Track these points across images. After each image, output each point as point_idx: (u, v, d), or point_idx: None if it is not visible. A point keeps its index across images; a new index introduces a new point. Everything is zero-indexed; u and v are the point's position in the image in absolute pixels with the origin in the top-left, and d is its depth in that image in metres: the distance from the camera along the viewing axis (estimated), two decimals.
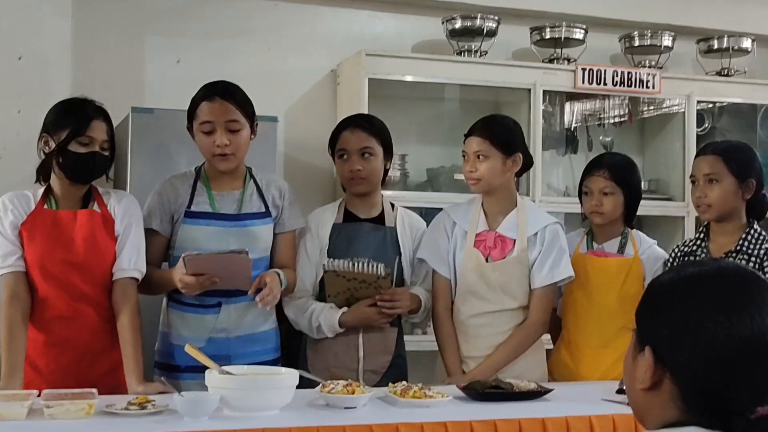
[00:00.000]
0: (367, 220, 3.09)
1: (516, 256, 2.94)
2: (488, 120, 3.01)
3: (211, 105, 2.83)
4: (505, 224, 2.98)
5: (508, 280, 2.94)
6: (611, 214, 3.06)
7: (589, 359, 3.03)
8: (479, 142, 2.92)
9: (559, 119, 4.81)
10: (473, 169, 2.92)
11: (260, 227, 2.90)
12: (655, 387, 1.25)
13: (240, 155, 2.87)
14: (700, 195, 2.89)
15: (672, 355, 1.23)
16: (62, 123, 2.66)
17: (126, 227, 2.72)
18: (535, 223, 2.97)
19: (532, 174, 4.43)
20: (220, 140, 2.80)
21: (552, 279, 2.94)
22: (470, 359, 2.96)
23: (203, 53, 4.41)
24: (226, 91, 2.86)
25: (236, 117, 2.83)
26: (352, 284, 2.87)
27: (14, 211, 2.65)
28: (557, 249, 2.95)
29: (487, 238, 2.97)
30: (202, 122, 2.83)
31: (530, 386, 2.59)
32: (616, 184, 3.05)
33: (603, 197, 3.05)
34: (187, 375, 2.76)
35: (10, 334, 2.56)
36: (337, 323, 2.90)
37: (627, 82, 4.58)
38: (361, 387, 2.45)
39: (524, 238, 2.95)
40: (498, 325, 2.95)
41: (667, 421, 1.23)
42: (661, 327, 1.25)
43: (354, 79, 4.31)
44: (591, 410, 2.41)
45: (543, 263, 2.93)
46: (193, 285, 2.65)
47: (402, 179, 4.44)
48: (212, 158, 2.85)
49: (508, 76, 4.48)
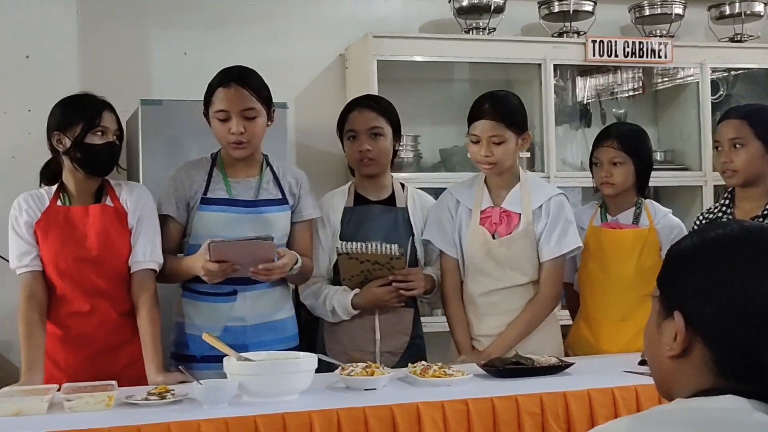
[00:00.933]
0: (378, 202, 3.06)
1: (522, 230, 2.90)
2: (496, 101, 2.91)
3: (227, 91, 2.80)
4: (509, 199, 2.95)
5: (516, 255, 2.91)
6: (622, 184, 3.03)
7: (608, 333, 3.00)
8: (493, 125, 2.85)
9: (571, 93, 4.77)
10: (489, 154, 2.86)
11: (277, 214, 2.88)
12: (684, 354, 1.22)
13: (255, 143, 2.85)
14: (726, 160, 2.84)
15: (703, 316, 1.20)
16: (74, 118, 2.66)
17: (139, 219, 2.72)
18: (539, 196, 2.94)
19: (546, 149, 4.41)
20: (235, 128, 2.78)
21: (560, 251, 2.90)
22: (482, 337, 2.94)
23: (210, 44, 4.40)
24: (243, 77, 2.83)
25: (252, 104, 2.81)
26: (365, 266, 2.86)
27: (28, 211, 2.65)
28: (563, 220, 2.91)
29: (492, 214, 2.94)
30: (217, 110, 2.80)
31: (551, 361, 2.57)
32: (626, 154, 3.01)
33: (613, 168, 3.02)
34: (204, 365, 2.75)
35: (28, 333, 2.57)
36: (350, 305, 2.88)
37: (638, 52, 4.53)
38: (380, 368, 2.43)
39: (529, 211, 2.91)
40: (509, 302, 2.92)
41: (698, 388, 1.20)
42: (689, 290, 1.22)
43: (362, 63, 4.29)
44: (613, 382, 2.39)
45: (550, 235, 2.90)
46: (217, 272, 2.62)
47: (415, 161, 4.42)
48: (228, 146, 2.83)
49: (518, 51, 4.44)
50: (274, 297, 2.90)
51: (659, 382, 1.30)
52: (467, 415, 2.22)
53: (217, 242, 2.60)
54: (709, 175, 4.58)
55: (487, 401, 2.25)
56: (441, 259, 3.01)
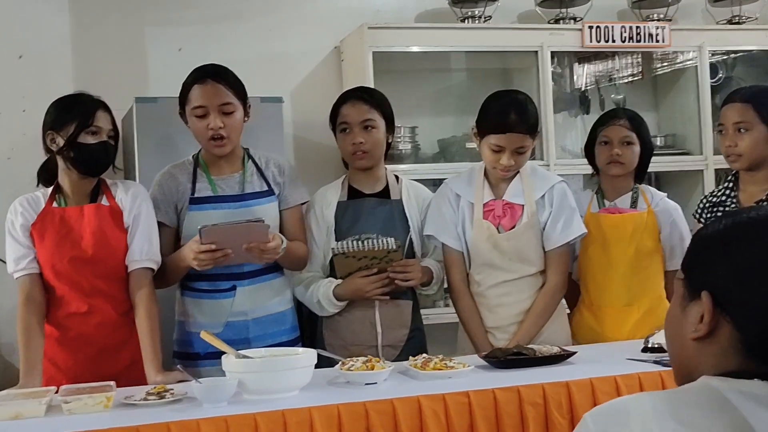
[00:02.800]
0: (372, 195, 3.04)
1: (527, 222, 2.88)
2: (522, 111, 2.81)
3: (203, 88, 2.79)
4: (511, 190, 2.92)
5: (523, 247, 2.88)
6: (630, 164, 3.02)
7: (613, 319, 2.98)
8: (522, 138, 2.80)
9: (569, 80, 4.74)
10: (512, 163, 2.82)
11: (265, 206, 2.87)
12: (710, 335, 1.21)
13: (234, 138, 2.84)
14: (730, 144, 2.81)
15: (733, 296, 1.19)
16: (67, 117, 2.64)
17: (135, 217, 2.70)
18: (541, 185, 2.91)
19: (545, 137, 4.37)
20: (213, 123, 2.77)
21: (566, 238, 2.88)
22: (496, 329, 2.92)
23: (205, 40, 4.37)
24: (218, 74, 2.83)
25: (229, 99, 2.80)
26: (362, 263, 2.83)
27: (24, 213, 2.64)
28: (568, 208, 2.89)
29: (495, 207, 2.91)
30: (195, 107, 2.79)
31: (553, 350, 2.55)
32: (636, 135, 3.01)
33: (623, 147, 3.00)
34: (207, 362, 2.73)
35: (26, 336, 2.56)
36: (332, 296, 2.86)
37: (636, 37, 4.49)
38: (380, 362, 2.41)
39: (532, 202, 2.89)
40: (519, 293, 2.90)
41: (723, 370, 1.19)
42: (720, 270, 1.21)
43: (358, 54, 4.26)
44: (616, 370, 2.36)
45: (555, 224, 2.88)
46: (207, 258, 2.60)
47: (414, 152, 4.39)
48: (207, 143, 2.81)
49: (514, 39, 4.40)
50: (273, 289, 2.89)
51: (680, 367, 1.28)
52: (469, 407, 2.20)
53: (209, 227, 2.58)
54: (710, 159, 4.55)
55: (488, 393, 2.22)
56: (445, 252, 2.98)
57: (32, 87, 3.95)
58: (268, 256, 2.70)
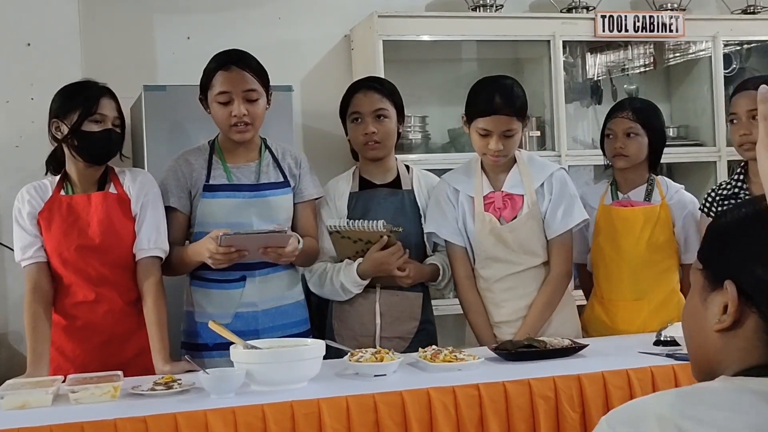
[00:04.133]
0: (383, 186, 3.01)
1: (528, 212, 2.85)
2: (507, 94, 2.80)
3: (227, 74, 2.76)
4: (510, 181, 2.89)
5: (526, 237, 2.85)
6: (635, 156, 2.96)
7: (624, 312, 2.94)
8: (507, 121, 2.77)
9: (581, 70, 4.69)
10: (501, 148, 2.79)
11: (280, 197, 2.84)
12: (735, 326, 1.16)
13: (257, 125, 2.81)
14: (745, 132, 2.77)
15: (760, 283, 1.14)
16: (71, 105, 2.62)
17: (143, 206, 2.68)
18: (539, 174, 2.88)
19: (557, 128, 4.34)
20: (237, 110, 2.73)
21: (566, 226, 2.85)
22: (502, 324, 2.90)
23: (213, 28, 4.34)
24: (242, 60, 2.80)
25: (254, 86, 2.77)
26: (359, 246, 2.80)
27: (31, 201, 2.62)
28: (567, 195, 2.86)
29: (494, 199, 2.88)
30: (218, 92, 2.76)
31: (564, 343, 2.52)
32: (641, 126, 2.95)
33: (627, 139, 2.96)
34: (216, 352, 2.72)
35: (33, 325, 2.55)
36: (356, 275, 2.82)
37: (649, 27, 4.43)
38: (390, 354, 2.39)
39: (532, 191, 2.86)
40: (524, 286, 2.87)
41: (748, 364, 1.15)
42: (743, 257, 1.17)
43: (368, 43, 4.22)
44: (627, 363, 2.34)
45: (555, 212, 2.85)
46: (223, 259, 2.58)
47: (424, 142, 4.36)
48: (229, 129, 2.78)
49: (526, 28, 4.36)
50: (284, 281, 2.86)
51: (700, 361, 1.23)
52: (479, 400, 2.17)
53: (230, 235, 2.54)
54: (723, 150, 4.50)
55: (499, 385, 2.20)
56: (448, 249, 2.95)
57: (41, 75, 3.91)
58: (284, 259, 2.68)
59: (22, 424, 1.98)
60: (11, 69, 3.92)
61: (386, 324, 2.88)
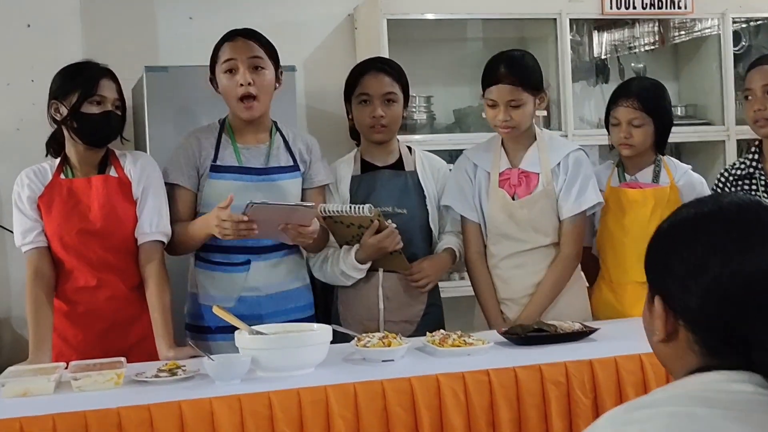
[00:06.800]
0: (386, 168, 2.96)
1: (542, 190, 2.82)
2: (512, 63, 2.80)
3: (233, 44, 2.74)
4: (527, 159, 2.87)
5: (537, 216, 2.83)
6: (641, 145, 2.90)
7: (632, 295, 2.88)
8: (511, 90, 2.76)
9: (588, 49, 4.62)
10: (508, 118, 2.77)
11: (288, 181, 2.80)
12: (670, 338, 1.19)
13: (264, 100, 2.75)
14: (759, 108, 2.72)
15: (681, 301, 1.17)
16: (71, 86, 2.57)
17: (144, 189, 2.63)
18: (556, 153, 2.85)
19: (563, 107, 4.29)
20: (243, 78, 2.69)
21: (580, 207, 2.82)
22: (509, 301, 2.88)
23: (216, 8, 4.29)
24: (249, 32, 2.78)
25: (259, 54, 2.74)
26: (353, 230, 2.75)
27: (31, 185, 2.57)
28: (582, 176, 2.82)
29: (510, 176, 2.87)
30: (224, 61, 2.72)
31: (574, 327, 2.48)
32: (646, 114, 2.88)
33: (632, 128, 2.89)
34: (219, 336, 2.69)
35: (35, 311, 2.50)
36: (355, 262, 2.78)
37: (657, 4, 4.36)
38: (397, 339, 2.35)
39: (548, 170, 2.83)
40: (533, 264, 2.85)
41: (689, 368, 1.17)
42: (666, 275, 1.19)
43: (372, 22, 4.16)
44: (640, 348, 2.26)
45: (569, 192, 2.81)
46: (230, 228, 2.48)
47: (429, 122, 4.30)
48: (236, 104, 2.73)
49: (532, 6, 4.29)
50: (288, 266, 2.82)
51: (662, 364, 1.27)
52: (489, 386, 2.13)
53: (258, 204, 2.46)
54: (732, 129, 4.44)
55: (509, 371, 2.16)
56: (463, 224, 2.94)
57: (41, 56, 3.86)
58: (302, 239, 2.62)
59: (24, 412, 1.94)
60: (11, 51, 3.86)
61: (392, 308, 2.85)
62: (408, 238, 2.81)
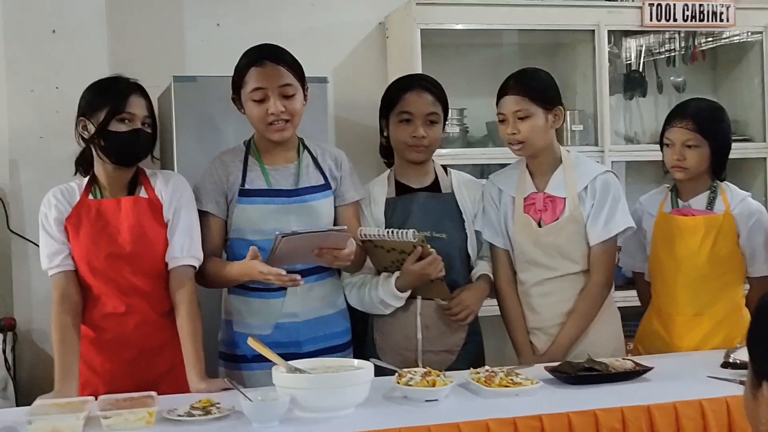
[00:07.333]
0: (421, 190, 2.84)
1: (568, 216, 2.72)
2: (521, 76, 2.76)
3: (261, 70, 2.59)
4: (553, 183, 2.77)
5: (565, 242, 2.72)
6: (695, 168, 2.77)
7: (682, 328, 2.77)
8: (517, 100, 2.70)
9: (624, 60, 4.49)
10: (515, 131, 2.70)
11: (321, 201, 2.69)
12: None
13: (296, 122, 2.65)
14: None
15: None
16: (99, 103, 2.46)
17: (176, 211, 2.51)
18: (583, 177, 2.74)
19: (600, 121, 4.17)
20: (274, 107, 2.57)
21: (609, 233, 2.71)
22: (538, 331, 2.79)
23: (244, 14, 4.21)
24: (275, 54, 2.64)
25: (290, 81, 2.61)
26: (393, 255, 2.64)
27: (58, 206, 2.46)
28: (610, 200, 2.71)
29: (536, 200, 2.77)
30: (253, 89, 2.59)
31: (626, 365, 2.35)
32: (702, 136, 2.74)
33: (686, 150, 2.76)
34: (255, 365, 2.58)
35: (62, 338, 2.39)
36: (395, 290, 2.66)
37: (698, 15, 4.24)
38: (441, 376, 2.23)
39: (574, 194, 2.73)
40: (561, 292, 2.75)
41: None
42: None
43: (404, 31, 4.06)
44: (699, 392, 2.16)
45: (597, 217, 2.71)
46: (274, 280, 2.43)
47: (461, 135, 4.19)
48: (266, 128, 2.62)
49: (570, 17, 4.18)
50: (325, 290, 2.71)
51: None
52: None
53: (288, 235, 2.37)
54: None
55: (563, 417, 2.03)
56: (491, 251, 2.85)
57: (66, 63, 3.76)
58: (339, 262, 2.53)
59: None
60: (36, 57, 3.77)
61: (432, 337, 2.73)
62: (447, 263, 2.68)
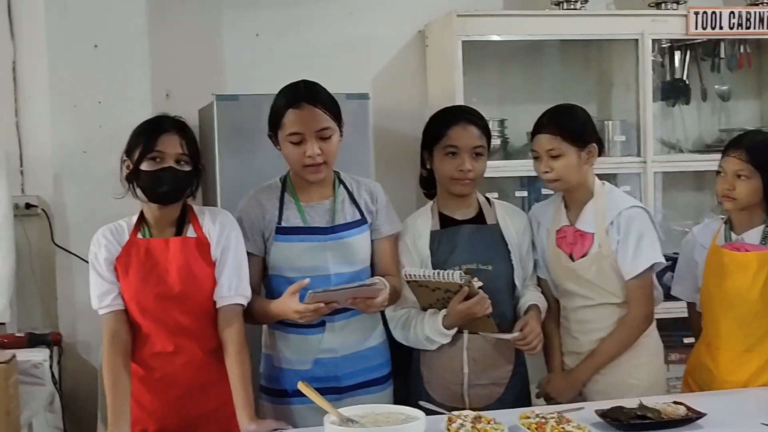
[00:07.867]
0: (465, 221, 2.83)
1: (597, 252, 2.76)
2: (555, 114, 2.82)
3: (299, 113, 2.58)
4: (583, 218, 2.81)
5: (595, 276, 2.77)
6: (744, 200, 2.72)
7: (730, 364, 2.73)
8: (549, 139, 2.75)
9: (668, 68, 4.42)
10: (548, 169, 2.76)
11: (357, 237, 2.68)
12: None
13: (331, 162, 2.66)
14: None
15: None
16: (135, 142, 2.47)
17: (224, 250, 2.51)
18: (610, 211, 2.77)
19: (643, 131, 4.11)
20: (311, 150, 2.57)
21: (636, 269, 2.73)
22: (573, 354, 2.84)
23: (283, 24, 4.22)
24: (312, 95, 2.62)
25: (327, 124, 2.60)
26: (438, 294, 2.63)
27: (108, 246, 2.47)
28: (635, 234, 2.73)
29: (567, 234, 2.82)
30: (290, 133, 2.59)
31: (679, 411, 2.33)
32: (754, 168, 2.69)
33: (737, 180, 2.72)
34: (296, 399, 2.59)
35: (114, 379, 2.41)
36: (442, 328, 2.66)
37: (745, 24, 4.16)
38: (492, 424, 2.22)
39: (602, 230, 2.76)
40: (600, 320, 2.80)
41: None
42: None
43: (445, 43, 4.02)
44: None
45: (625, 253, 2.74)
46: (312, 317, 2.46)
47: (502, 146, 4.15)
48: (302, 170, 2.62)
49: (612, 26, 4.12)
50: (364, 324, 2.71)
51: None
52: None
53: (319, 293, 2.39)
54: None
55: None
56: None
57: (108, 78, 3.79)
58: (372, 310, 2.55)
59: None
60: (78, 72, 3.80)
61: (478, 370, 2.72)
62: (493, 296, 2.67)
